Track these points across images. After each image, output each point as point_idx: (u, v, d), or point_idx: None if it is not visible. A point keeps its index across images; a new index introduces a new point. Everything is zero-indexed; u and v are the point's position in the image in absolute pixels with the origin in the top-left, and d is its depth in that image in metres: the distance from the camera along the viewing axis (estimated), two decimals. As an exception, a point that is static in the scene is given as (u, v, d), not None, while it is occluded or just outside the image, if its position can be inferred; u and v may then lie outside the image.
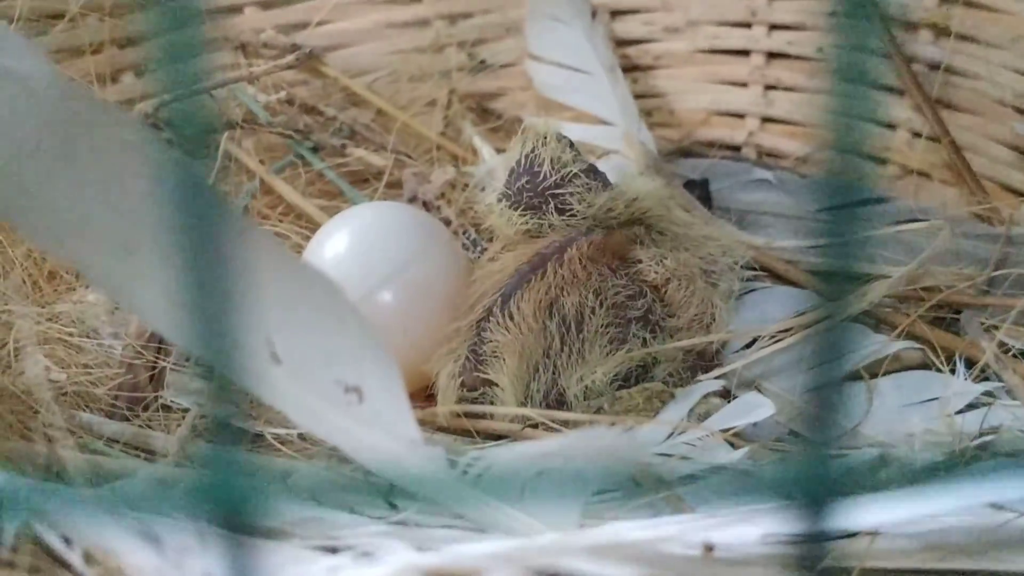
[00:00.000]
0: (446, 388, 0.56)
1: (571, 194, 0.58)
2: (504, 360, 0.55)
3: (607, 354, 0.55)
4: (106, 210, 0.36)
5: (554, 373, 0.55)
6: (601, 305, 0.56)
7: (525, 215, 0.58)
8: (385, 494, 0.42)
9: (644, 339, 0.56)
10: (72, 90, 0.34)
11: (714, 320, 0.59)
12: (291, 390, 0.39)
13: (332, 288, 0.38)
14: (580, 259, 0.56)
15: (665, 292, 0.58)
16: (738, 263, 0.62)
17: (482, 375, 0.55)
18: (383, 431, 0.40)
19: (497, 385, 0.55)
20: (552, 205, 0.58)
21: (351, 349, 0.39)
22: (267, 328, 0.38)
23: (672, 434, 0.50)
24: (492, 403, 0.55)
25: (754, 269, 0.65)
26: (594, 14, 0.83)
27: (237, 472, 0.23)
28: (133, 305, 0.40)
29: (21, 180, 0.36)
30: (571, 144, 0.60)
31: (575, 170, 0.59)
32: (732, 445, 0.51)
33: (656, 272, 0.58)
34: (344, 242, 0.60)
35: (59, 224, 0.36)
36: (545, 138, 0.59)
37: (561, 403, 0.55)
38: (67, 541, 0.32)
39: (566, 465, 0.38)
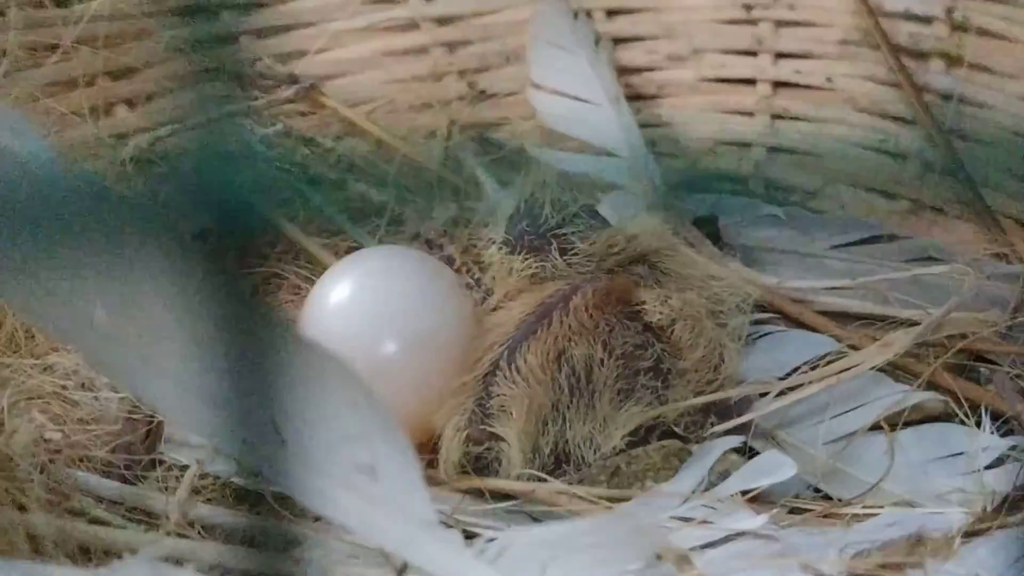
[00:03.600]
0: (451, 441, 0.55)
1: (573, 233, 0.58)
2: (511, 414, 0.53)
3: (616, 406, 0.54)
4: (104, 291, 0.34)
5: (563, 426, 0.53)
6: (610, 356, 0.54)
7: (528, 259, 0.58)
8: (398, 572, 0.41)
9: (654, 388, 0.55)
10: (71, 170, 0.32)
11: (723, 361, 0.58)
12: (299, 472, 0.37)
13: (342, 368, 0.36)
14: (586, 307, 0.55)
15: (671, 333, 0.56)
16: (746, 303, 0.61)
17: (488, 429, 0.54)
18: (397, 511, 0.38)
19: (504, 440, 0.53)
20: (555, 246, 0.57)
21: (363, 428, 0.37)
22: (273, 409, 0.36)
23: (691, 495, 0.49)
24: (498, 458, 0.54)
25: (764, 310, 0.64)
26: (597, 42, 0.82)
27: None
28: (132, 388, 0.38)
29: (15, 260, 0.34)
30: (570, 186, 0.60)
31: (576, 210, 0.58)
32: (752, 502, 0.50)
33: (661, 313, 0.56)
34: (349, 290, 0.58)
35: (55, 305, 0.35)
36: (544, 182, 0.59)
37: (570, 457, 0.53)
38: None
39: (587, 550, 0.37)
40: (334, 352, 0.36)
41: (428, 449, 0.57)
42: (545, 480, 0.51)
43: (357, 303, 0.58)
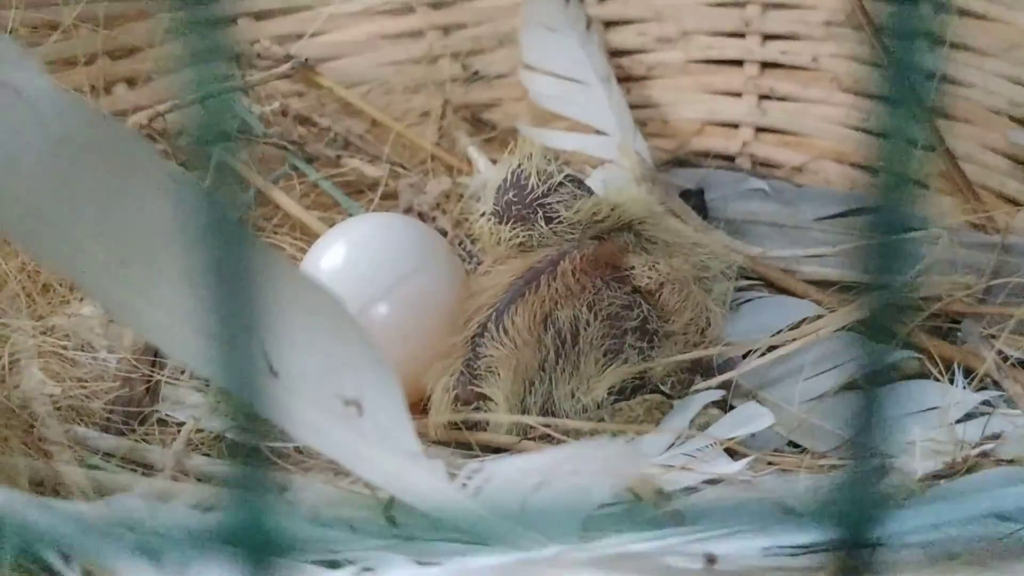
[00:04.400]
0: (440, 402, 0.56)
1: (558, 202, 0.59)
2: (499, 374, 0.55)
3: (603, 366, 0.55)
4: (103, 224, 0.35)
5: (550, 386, 0.55)
6: (596, 317, 0.56)
7: (515, 228, 0.59)
8: (385, 508, 0.42)
9: (640, 349, 0.56)
10: (71, 104, 0.34)
11: (709, 324, 0.59)
12: (289, 404, 0.39)
13: (331, 300, 0.38)
14: (573, 272, 0.56)
15: (659, 297, 0.58)
16: (730, 268, 0.62)
17: (476, 389, 0.55)
18: (383, 444, 0.40)
19: (491, 400, 0.55)
20: (540, 215, 0.58)
21: (351, 361, 0.39)
22: (264, 340, 0.38)
23: (673, 444, 0.50)
24: (487, 419, 0.55)
25: (749, 278, 0.65)
26: (588, 24, 0.83)
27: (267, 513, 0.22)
28: (129, 319, 0.39)
29: (17, 192, 0.35)
30: (556, 157, 0.61)
31: (560, 179, 0.59)
32: (731, 455, 0.51)
33: (649, 277, 0.58)
34: (342, 254, 0.60)
35: (55, 237, 0.36)
36: (531, 155, 0.60)
37: (556, 415, 0.55)
38: (66, 558, 0.32)
39: (567, 478, 0.38)
40: (324, 285, 0.37)
41: (418, 410, 0.58)
42: (531, 427, 0.52)
43: (350, 267, 0.59)
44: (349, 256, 0.60)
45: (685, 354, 0.56)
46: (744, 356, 0.59)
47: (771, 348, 0.57)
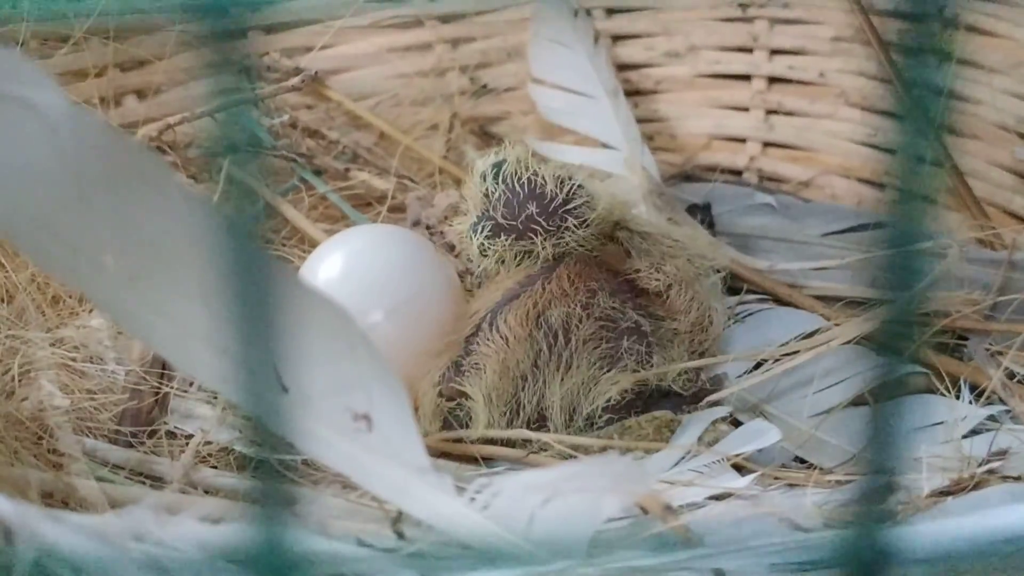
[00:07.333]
0: (425, 396, 0.57)
1: (581, 206, 0.57)
2: (484, 372, 0.55)
3: (599, 368, 0.55)
4: (114, 237, 0.36)
5: (542, 383, 0.55)
6: (588, 316, 0.56)
7: (544, 242, 0.57)
8: (393, 522, 0.42)
9: (638, 352, 0.56)
10: (84, 118, 0.34)
11: (711, 323, 0.59)
12: (299, 418, 0.39)
13: (341, 314, 0.38)
14: (568, 276, 0.57)
15: (667, 299, 0.58)
16: (714, 266, 0.62)
17: (458, 386, 0.55)
18: (392, 458, 0.40)
19: (471, 397, 0.55)
20: (569, 221, 0.57)
21: (360, 376, 0.39)
22: (275, 355, 0.38)
23: (681, 460, 0.50)
24: (468, 415, 0.56)
25: (756, 293, 0.65)
26: (596, 38, 0.83)
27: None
28: (139, 332, 0.40)
29: (28, 205, 0.36)
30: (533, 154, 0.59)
31: (577, 182, 0.58)
32: (739, 471, 0.51)
33: (657, 280, 0.58)
34: (337, 266, 0.60)
35: (66, 249, 0.36)
36: (523, 159, 0.58)
37: (548, 416, 0.55)
38: (77, 571, 0.32)
39: (575, 494, 0.38)
40: (335, 299, 0.38)
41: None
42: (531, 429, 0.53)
43: (343, 279, 0.60)
44: (344, 268, 0.60)
45: (692, 362, 0.56)
46: (751, 370, 0.59)
47: (777, 361, 0.58)
